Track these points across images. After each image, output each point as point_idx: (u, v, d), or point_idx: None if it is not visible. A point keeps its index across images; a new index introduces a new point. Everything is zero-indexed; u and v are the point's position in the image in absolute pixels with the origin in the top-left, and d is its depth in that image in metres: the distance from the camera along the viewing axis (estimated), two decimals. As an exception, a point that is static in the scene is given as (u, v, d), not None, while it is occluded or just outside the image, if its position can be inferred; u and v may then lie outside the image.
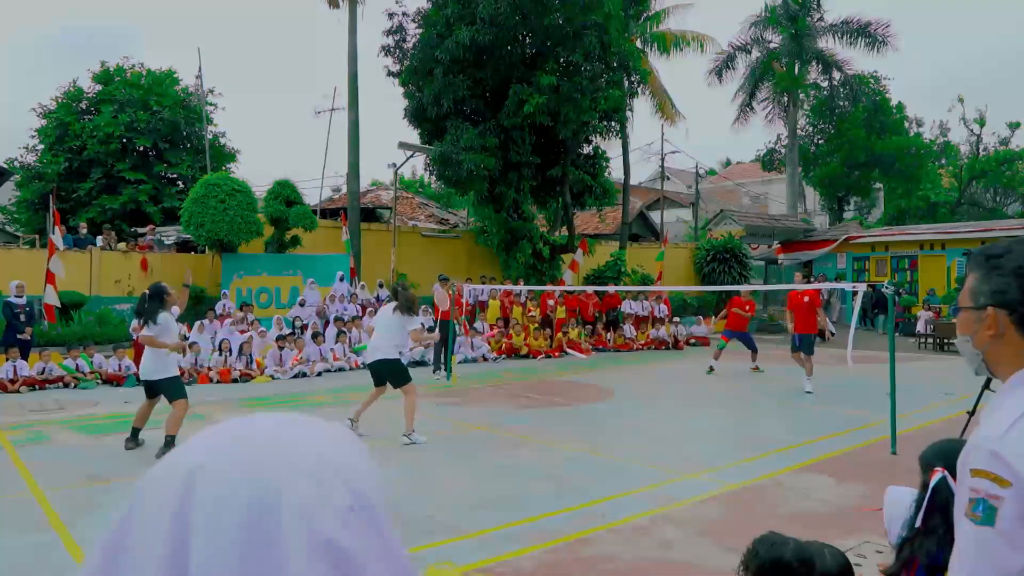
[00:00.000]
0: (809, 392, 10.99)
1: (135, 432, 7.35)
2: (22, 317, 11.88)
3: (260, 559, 0.52)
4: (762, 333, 23.35)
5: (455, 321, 13.54)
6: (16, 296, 11.96)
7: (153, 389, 7.26)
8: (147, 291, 7.40)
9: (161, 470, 0.58)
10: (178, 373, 7.48)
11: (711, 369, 13.26)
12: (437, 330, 13.60)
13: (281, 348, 13.04)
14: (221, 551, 0.52)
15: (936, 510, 1.87)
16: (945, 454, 1.96)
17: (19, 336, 11.65)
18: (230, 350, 12.61)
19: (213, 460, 0.56)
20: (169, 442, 6.90)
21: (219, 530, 0.53)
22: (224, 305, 15.20)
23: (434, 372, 13.15)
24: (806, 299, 11.43)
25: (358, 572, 0.54)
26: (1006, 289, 1.29)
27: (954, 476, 1.86)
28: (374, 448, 7.08)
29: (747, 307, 13.74)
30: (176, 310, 7.67)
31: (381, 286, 17.92)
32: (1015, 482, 1.13)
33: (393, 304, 7.99)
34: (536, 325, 17.06)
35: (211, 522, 0.53)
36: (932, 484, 1.90)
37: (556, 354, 16.56)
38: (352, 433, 0.66)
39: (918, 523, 1.89)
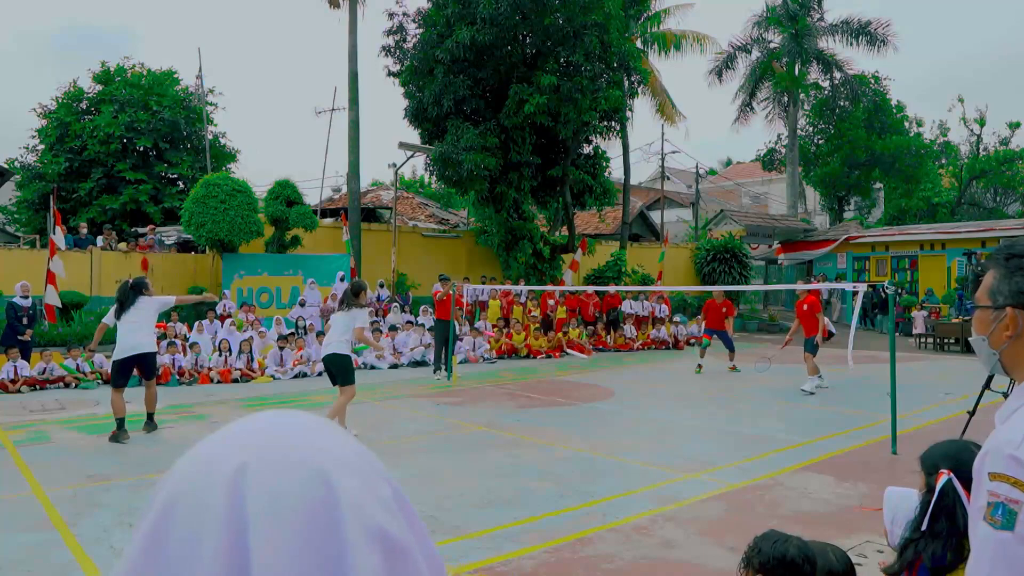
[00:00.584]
0: (810, 392, 10.99)
1: (121, 423, 7.75)
2: (24, 319, 11.87)
3: (320, 550, 0.52)
4: (761, 333, 23.39)
5: (455, 321, 13.55)
6: (22, 297, 11.94)
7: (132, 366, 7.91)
8: (128, 281, 7.93)
9: (196, 472, 0.57)
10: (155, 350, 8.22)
11: (699, 368, 13.55)
12: (436, 330, 13.60)
13: (282, 348, 13.05)
14: (282, 544, 0.52)
15: (942, 513, 1.87)
16: (951, 456, 1.95)
17: (19, 338, 11.64)
18: (230, 350, 12.62)
19: (257, 458, 0.56)
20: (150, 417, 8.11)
21: (277, 523, 0.52)
22: (224, 305, 15.21)
23: (435, 372, 13.16)
24: (805, 307, 11.60)
25: (406, 558, 0.55)
26: None
27: (960, 478, 1.87)
28: (374, 448, 7.08)
29: (723, 308, 14.14)
30: (157, 300, 8.13)
31: (382, 286, 17.93)
32: None
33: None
34: (536, 325, 17.07)
35: (268, 516, 0.53)
36: (939, 487, 1.89)
37: (556, 354, 16.57)
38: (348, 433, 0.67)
39: (924, 525, 1.89)
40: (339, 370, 7.84)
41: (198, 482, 0.56)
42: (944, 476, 1.90)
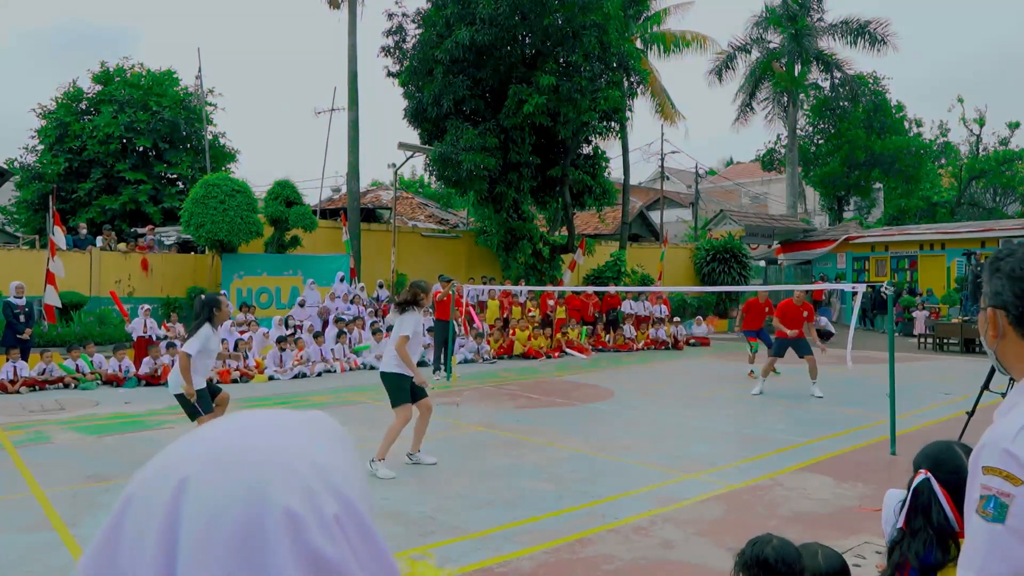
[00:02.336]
0: (819, 396, 10.74)
1: None
2: (22, 318, 11.89)
3: (247, 570, 0.52)
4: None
5: (455, 321, 13.55)
6: (16, 297, 11.97)
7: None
8: (201, 297, 6.74)
9: (151, 478, 0.57)
10: (203, 386, 6.76)
11: (752, 373, 12.70)
12: (435, 331, 13.57)
13: (282, 349, 13.05)
14: (208, 566, 0.52)
15: (918, 511, 1.90)
16: (931, 456, 1.99)
17: (19, 337, 11.68)
18: (227, 350, 12.62)
19: (204, 471, 0.55)
20: None
21: (208, 544, 0.52)
22: (228, 307, 15.19)
23: (434, 372, 13.16)
24: (805, 313, 10.95)
25: None
26: (1001, 290, 1.34)
27: (939, 478, 1.91)
28: (373, 448, 7.09)
29: (766, 308, 12.92)
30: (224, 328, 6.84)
31: (381, 286, 17.93)
32: None
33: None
34: (536, 325, 17.07)
35: (201, 536, 0.52)
36: (914, 485, 1.92)
37: (556, 354, 16.57)
38: (335, 425, 0.65)
39: (900, 523, 1.92)
40: (388, 389, 6.65)
41: (148, 489, 0.57)
42: (921, 475, 1.93)
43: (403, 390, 6.56)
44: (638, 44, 24.36)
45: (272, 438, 0.60)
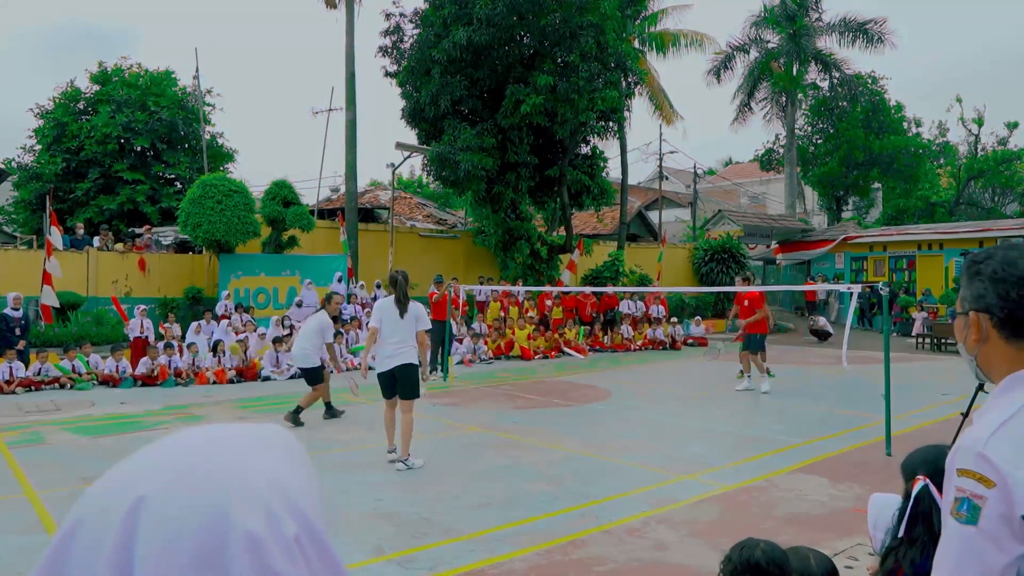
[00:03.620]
0: (766, 391, 10.98)
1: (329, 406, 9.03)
2: (17, 331, 11.84)
3: None
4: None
5: (452, 322, 13.53)
6: (13, 309, 11.91)
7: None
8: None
9: (103, 496, 0.56)
10: (319, 364, 8.74)
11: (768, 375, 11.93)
12: (432, 331, 13.54)
13: (279, 350, 13.03)
14: None
15: (919, 519, 1.87)
16: (929, 461, 1.96)
17: (15, 348, 11.59)
18: (224, 351, 12.62)
19: (160, 490, 0.54)
20: (296, 410, 8.48)
21: (166, 566, 0.51)
22: (226, 307, 15.18)
23: (431, 373, 13.14)
24: (746, 302, 11.40)
25: None
26: (984, 294, 1.32)
27: (937, 484, 1.87)
28: (369, 451, 7.08)
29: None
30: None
31: (379, 286, 17.91)
32: (999, 483, 1.15)
33: (393, 297, 6.85)
34: (534, 326, 17.06)
35: (158, 557, 0.51)
36: (915, 493, 1.89)
37: (553, 354, 16.56)
38: (291, 439, 0.64)
39: (901, 532, 1.89)
40: (404, 382, 6.66)
41: (99, 510, 0.55)
42: (920, 482, 1.90)
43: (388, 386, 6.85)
44: (636, 44, 24.34)
45: (229, 455, 0.59)
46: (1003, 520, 1.14)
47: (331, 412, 9.03)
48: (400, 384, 6.63)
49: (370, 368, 7.12)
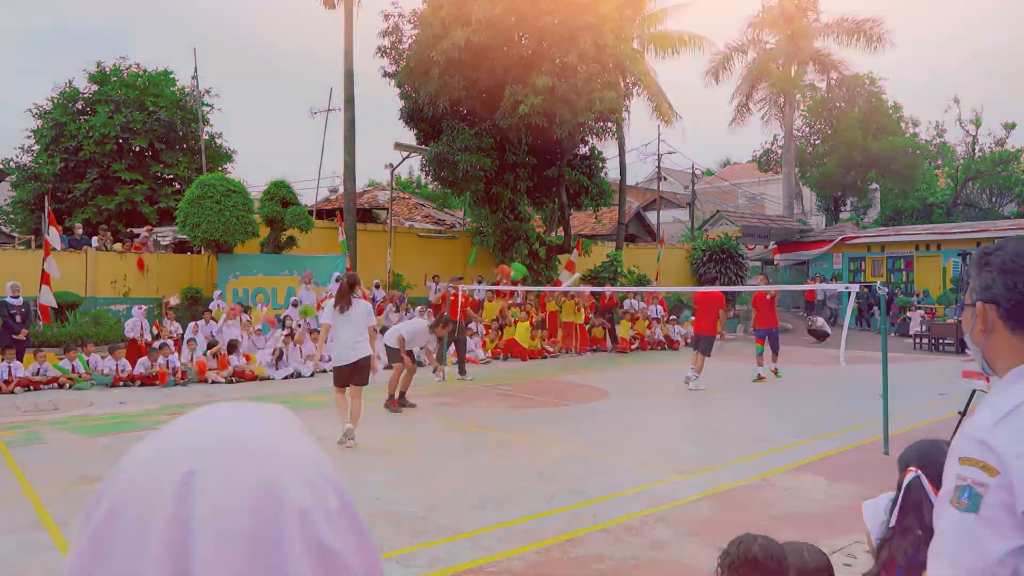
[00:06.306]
0: (701, 389, 11.34)
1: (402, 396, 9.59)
2: (18, 318, 11.88)
3: (263, 563, 0.52)
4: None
5: (459, 323, 13.52)
6: (12, 297, 11.97)
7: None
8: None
9: (145, 473, 0.56)
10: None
11: (760, 378, 12.47)
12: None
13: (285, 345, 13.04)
14: (224, 557, 0.52)
15: (909, 509, 1.89)
16: (921, 454, 1.98)
17: (15, 337, 11.68)
18: (219, 353, 12.63)
19: (206, 464, 0.55)
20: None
21: (222, 536, 0.52)
22: (218, 306, 15.17)
23: (433, 372, 13.14)
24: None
25: (343, 571, 0.55)
26: (991, 285, 1.33)
27: (929, 476, 1.89)
28: (367, 449, 7.09)
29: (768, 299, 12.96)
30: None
31: (377, 287, 17.91)
32: (1001, 471, 1.16)
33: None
34: (533, 327, 17.05)
35: (213, 528, 0.52)
36: (905, 483, 1.92)
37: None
38: (297, 418, 0.65)
39: (892, 522, 1.91)
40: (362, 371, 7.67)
41: (146, 486, 0.55)
42: (911, 473, 1.92)
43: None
44: (634, 45, 24.34)
45: (265, 429, 0.60)
46: (1004, 509, 1.15)
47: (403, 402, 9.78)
48: (357, 374, 7.54)
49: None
